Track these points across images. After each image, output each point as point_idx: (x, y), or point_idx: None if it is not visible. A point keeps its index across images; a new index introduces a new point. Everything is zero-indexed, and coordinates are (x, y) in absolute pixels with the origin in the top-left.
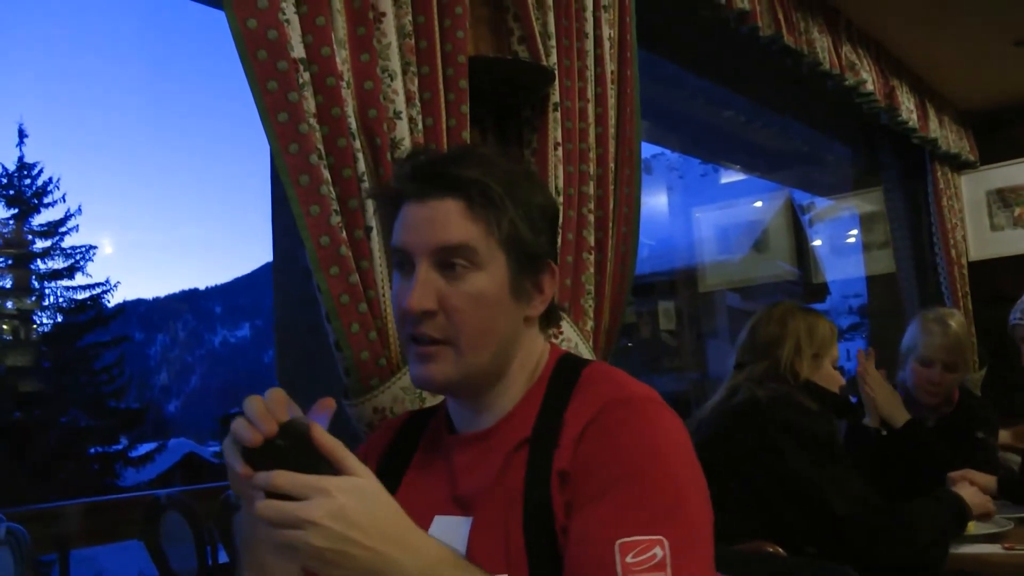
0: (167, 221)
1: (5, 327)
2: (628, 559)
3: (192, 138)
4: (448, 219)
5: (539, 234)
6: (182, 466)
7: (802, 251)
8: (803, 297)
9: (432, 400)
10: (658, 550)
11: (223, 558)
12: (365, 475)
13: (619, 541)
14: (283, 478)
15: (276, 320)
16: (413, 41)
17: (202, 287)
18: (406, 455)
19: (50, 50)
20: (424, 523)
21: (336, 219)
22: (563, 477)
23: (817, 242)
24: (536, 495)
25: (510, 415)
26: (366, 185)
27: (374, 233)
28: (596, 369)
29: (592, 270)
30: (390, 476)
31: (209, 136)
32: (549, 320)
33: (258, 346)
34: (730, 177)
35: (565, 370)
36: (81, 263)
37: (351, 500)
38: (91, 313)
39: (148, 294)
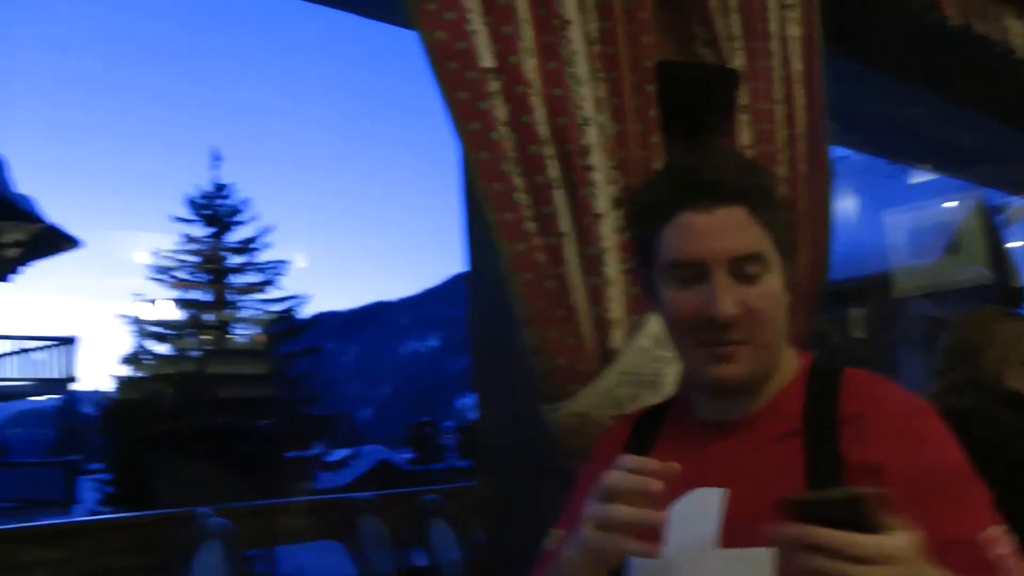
0: (358, 235)
1: (206, 338)
2: (999, 551)
3: (381, 153)
4: (738, 228)
5: (792, 228)
6: (375, 472)
7: (997, 253)
8: (998, 302)
9: (629, 404)
10: (1007, 539)
11: (417, 561)
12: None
13: (980, 535)
14: (862, 539)
15: (471, 327)
16: (599, 47)
17: (392, 299)
18: (647, 446)
19: (242, 77)
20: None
21: (530, 225)
22: (865, 471)
23: (1015, 243)
24: (823, 482)
25: (772, 405)
26: (558, 192)
27: (567, 239)
28: (859, 372)
29: None
30: None
31: (397, 151)
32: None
33: (445, 356)
34: (919, 177)
35: (822, 368)
36: (275, 277)
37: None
38: (285, 325)
39: (340, 306)
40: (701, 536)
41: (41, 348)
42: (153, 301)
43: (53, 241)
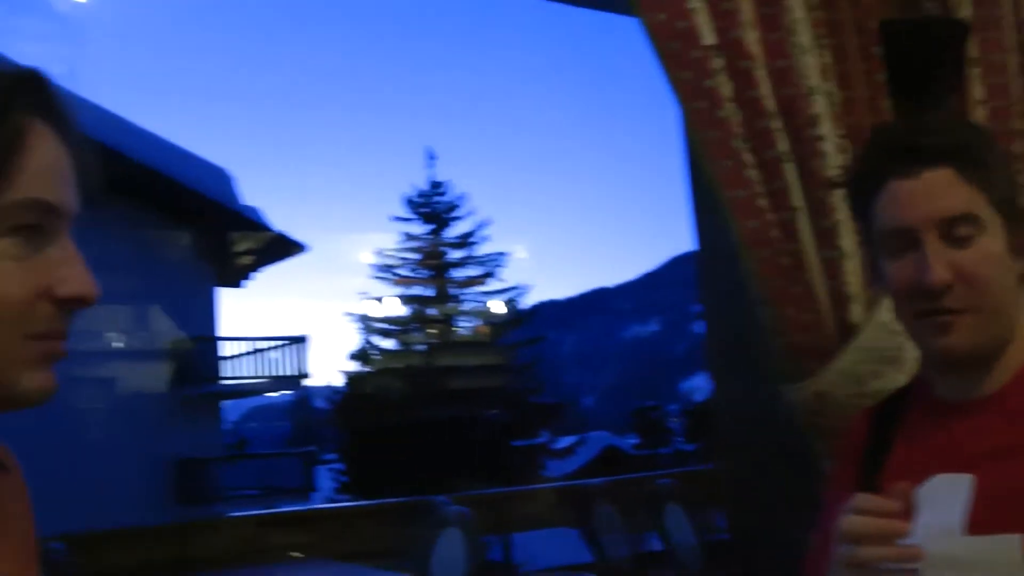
0: (576, 224)
1: (435, 331)
2: None
3: (597, 141)
4: (946, 189)
5: (1018, 187)
6: (602, 458)
7: None
8: None
9: (878, 383)
10: None
11: (652, 547)
12: None
13: None
14: None
15: (702, 308)
16: (821, 13)
17: (611, 285)
18: (888, 438)
19: (455, 73)
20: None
21: (762, 201)
22: None
23: None
24: None
25: (1016, 379)
26: (788, 165)
27: (800, 213)
28: None
29: None
30: (878, 453)
31: (613, 138)
32: None
33: (667, 340)
34: None
35: None
36: (494, 269)
37: None
38: (507, 316)
39: (560, 295)
40: (946, 524)
41: (274, 347)
42: (378, 299)
43: (281, 248)
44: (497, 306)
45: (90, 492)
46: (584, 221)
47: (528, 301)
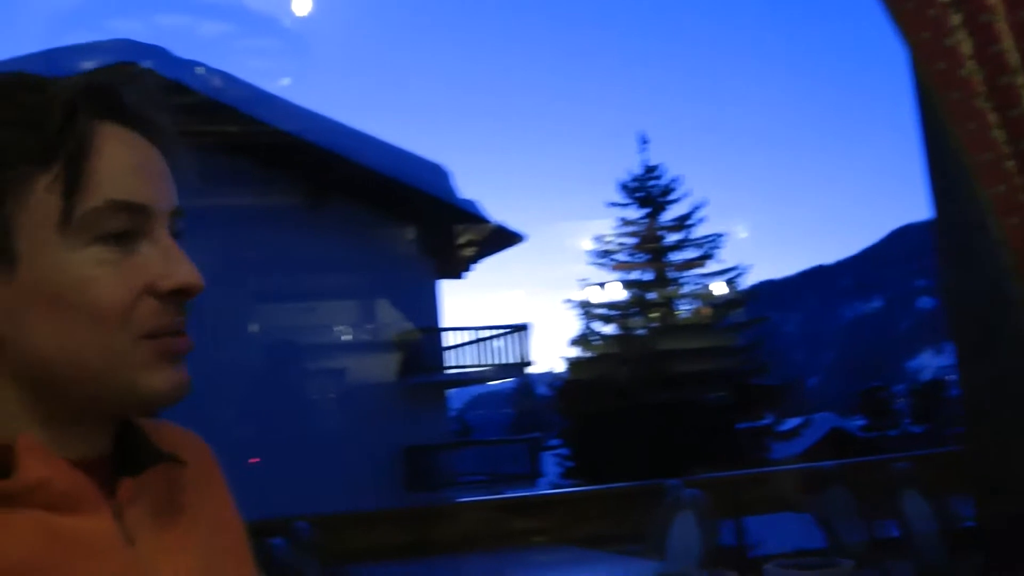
0: (795, 201)
1: (654, 315)
2: None
3: (817, 115)
4: None
5: None
6: (827, 440)
7: None
8: None
9: None
10: None
11: (888, 533)
12: None
13: None
14: None
15: (940, 283)
16: None
17: (830, 262)
18: None
19: (667, 51)
20: None
21: (1009, 164)
22: None
23: None
24: None
25: None
26: None
27: None
28: None
29: None
30: None
31: (834, 109)
32: None
33: (891, 317)
34: None
35: None
36: (712, 250)
37: None
38: (726, 297)
39: (778, 274)
40: None
41: (497, 336)
42: (597, 285)
43: (500, 238)
44: (717, 288)
45: (326, 477)
46: (801, 198)
47: (748, 281)
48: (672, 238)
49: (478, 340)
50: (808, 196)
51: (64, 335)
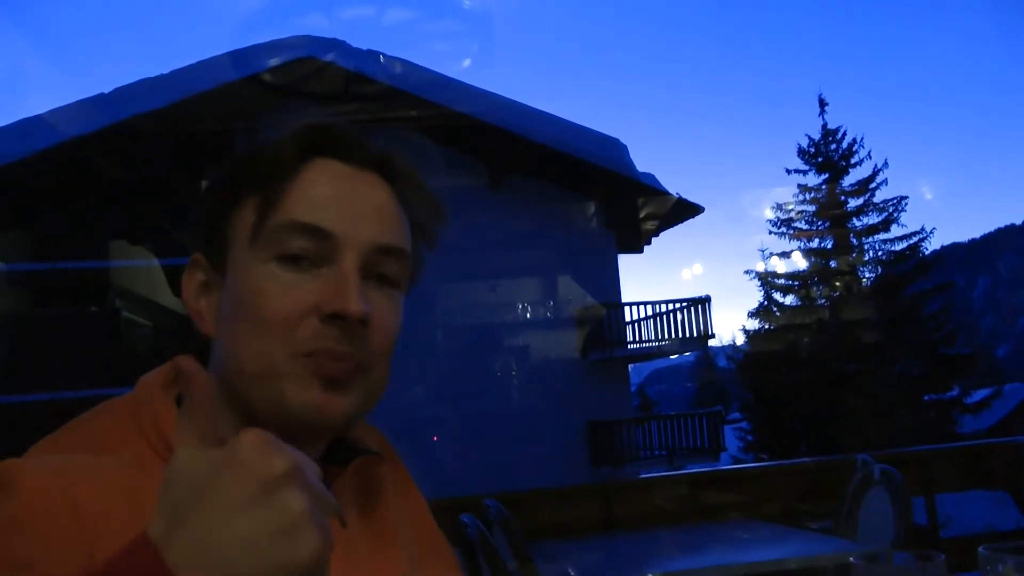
0: (984, 157)
1: (837, 284)
2: None
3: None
4: None
5: None
6: (1019, 413)
7: None
8: None
9: None
10: None
11: None
12: None
13: None
14: None
15: None
16: None
17: (1019, 221)
18: None
19: (844, 14)
20: None
21: None
22: None
23: None
24: None
25: None
26: None
27: None
28: None
29: None
30: None
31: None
32: None
33: None
34: None
35: None
36: (895, 214)
37: None
38: (911, 263)
39: (963, 236)
40: None
41: (677, 309)
42: (777, 254)
43: (680, 210)
44: (898, 253)
45: (513, 454)
46: (991, 153)
47: (933, 245)
48: (853, 203)
49: (659, 314)
50: (998, 151)
51: (239, 341)
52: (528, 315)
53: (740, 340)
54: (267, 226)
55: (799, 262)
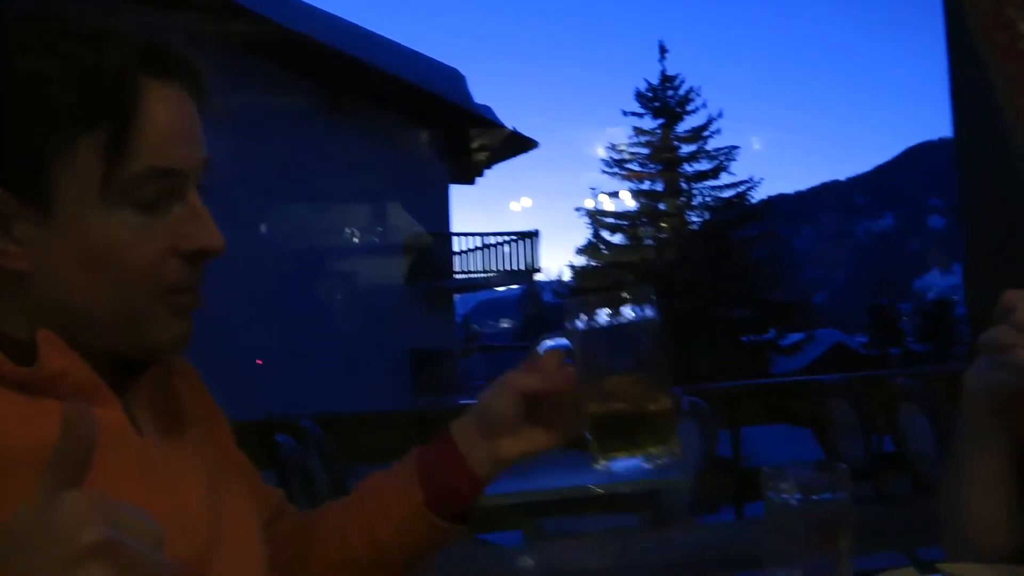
0: (810, 116)
1: (664, 226)
2: None
3: (837, 28)
4: None
5: None
6: (830, 356)
7: None
8: None
9: None
10: None
11: (886, 448)
12: None
13: None
14: None
15: (961, 196)
16: None
17: (843, 178)
18: None
19: None
20: None
21: None
22: None
23: None
24: None
25: None
26: None
27: None
28: None
29: None
30: None
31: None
32: None
33: (901, 236)
34: None
35: None
36: (725, 163)
37: None
38: (738, 210)
39: (790, 188)
40: None
41: (506, 242)
42: (608, 194)
43: (514, 144)
44: (728, 200)
45: (334, 378)
46: (818, 112)
47: (760, 195)
48: (686, 149)
49: (487, 246)
50: (825, 111)
51: (90, 290)
52: (356, 241)
53: (567, 276)
54: (119, 176)
55: (629, 202)
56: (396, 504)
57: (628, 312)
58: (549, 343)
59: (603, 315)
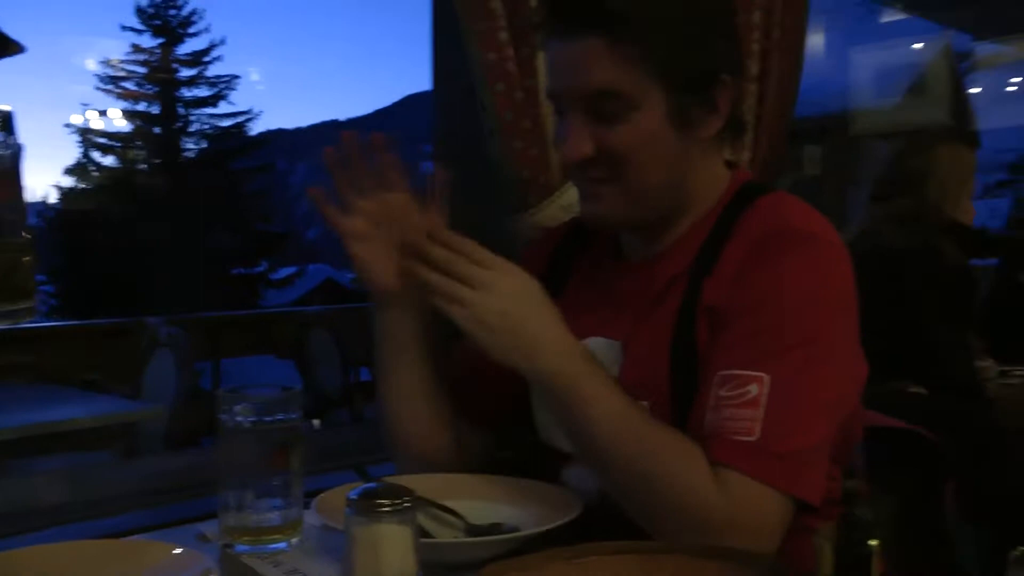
0: (313, 52)
1: (160, 150)
2: (722, 392)
3: None
4: (590, 62)
5: (703, 49)
6: (320, 290)
7: (959, 99)
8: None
9: None
10: (753, 387)
11: (366, 377)
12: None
13: (720, 372)
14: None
15: (436, 142)
16: None
17: (343, 118)
18: (565, 271)
19: None
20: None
21: (504, 35)
22: (711, 314)
23: (976, 89)
24: (683, 330)
25: (676, 244)
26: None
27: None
28: (774, 199)
29: (753, 101)
30: (549, 290)
31: None
32: (734, 134)
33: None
34: (890, 17)
35: (742, 198)
36: (225, 92)
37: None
38: (236, 141)
39: (291, 124)
40: None
41: None
42: (100, 112)
43: None
44: (226, 129)
45: None
46: (320, 51)
47: (260, 128)
48: (186, 73)
49: None
50: (326, 51)
51: None
52: None
53: (53, 197)
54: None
55: (121, 122)
56: None
57: None
58: None
59: None
